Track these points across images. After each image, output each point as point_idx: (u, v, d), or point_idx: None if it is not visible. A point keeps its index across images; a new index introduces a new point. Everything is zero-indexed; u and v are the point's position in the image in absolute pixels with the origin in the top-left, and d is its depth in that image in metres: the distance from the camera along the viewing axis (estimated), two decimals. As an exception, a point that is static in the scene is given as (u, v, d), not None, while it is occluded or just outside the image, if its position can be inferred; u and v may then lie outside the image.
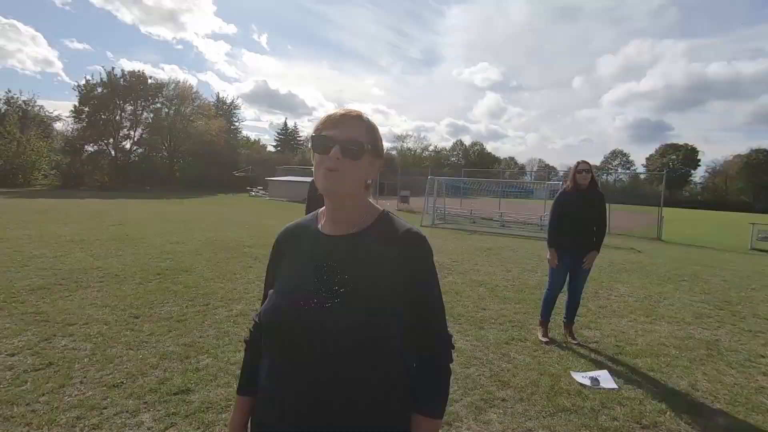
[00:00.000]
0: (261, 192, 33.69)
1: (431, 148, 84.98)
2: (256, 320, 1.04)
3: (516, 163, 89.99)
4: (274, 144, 69.95)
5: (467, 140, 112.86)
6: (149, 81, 39.60)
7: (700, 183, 79.60)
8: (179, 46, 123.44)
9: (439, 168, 62.40)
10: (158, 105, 41.44)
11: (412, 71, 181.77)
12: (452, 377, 0.95)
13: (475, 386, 3.00)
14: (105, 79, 36.85)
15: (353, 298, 0.86)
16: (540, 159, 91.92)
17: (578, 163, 3.93)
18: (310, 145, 0.94)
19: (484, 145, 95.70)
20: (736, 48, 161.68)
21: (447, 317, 0.95)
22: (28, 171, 31.54)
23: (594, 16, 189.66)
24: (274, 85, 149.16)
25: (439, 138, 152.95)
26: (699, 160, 78.31)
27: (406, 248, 0.93)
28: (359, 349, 0.83)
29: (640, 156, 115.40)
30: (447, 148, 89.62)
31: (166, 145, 42.38)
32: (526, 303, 5.17)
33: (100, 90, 36.67)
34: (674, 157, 77.52)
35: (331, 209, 0.97)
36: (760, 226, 15.61)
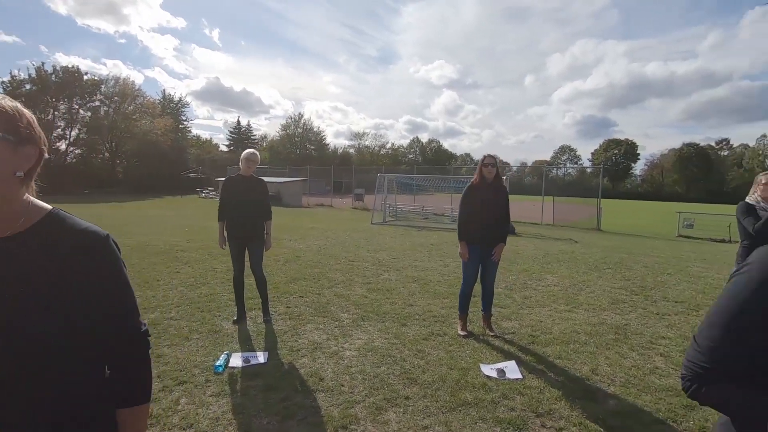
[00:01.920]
0: (212, 193, 32.49)
1: (388, 145, 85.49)
2: None
3: (472, 159, 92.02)
4: (227, 143, 67.67)
5: (426, 137, 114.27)
6: (85, 77, 37.08)
7: (640, 175, 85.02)
8: (122, 40, 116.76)
9: (396, 165, 62.85)
10: (96, 103, 38.91)
11: (369, 69, 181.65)
12: (152, 364, 1.01)
13: (382, 386, 2.96)
14: (34, 74, 34.12)
15: (7, 309, 0.81)
16: (494, 155, 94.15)
17: (484, 157, 4.00)
18: None
19: (441, 142, 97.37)
20: (670, 49, 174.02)
21: (373, 315, 0.87)
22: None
23: (542, 16, 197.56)
24: (227, 83, 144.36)
25: (399, 135, 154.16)
26: (638, 154, 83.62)
27: (76, 250, 0.85)
28: (26, 356, 0.81)
29: (586, 151, 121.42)
30: (404, 145, 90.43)
31: (107, 145, 39.91)
32: (455, 297, 5.18)
33: (28, 87, 33.93)
34: (617, 151, 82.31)
35: None
36: (685, 215, 16.84)
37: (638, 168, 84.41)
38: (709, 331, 0.86)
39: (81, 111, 37.87)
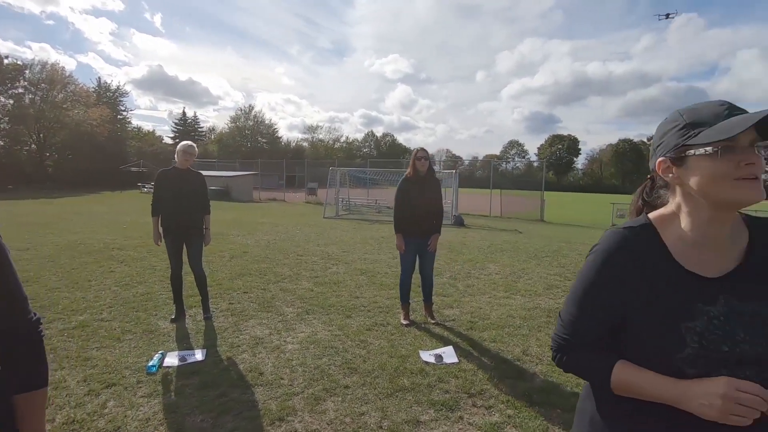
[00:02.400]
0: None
1: (342, 139, 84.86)
2: None
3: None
4: (172, 135, 64.23)
5: (381, 131, 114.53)
6: (6, 61, 33.73)
7: (581, 169, 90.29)
8: (50, 21, 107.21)
9: (351, 159, 62.58)
10: (20, 90, 35.55)
11: (323, 61, 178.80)
12: (44, 347, 1.00)
13: (322, 376, 2.99)
14: (-58, 57, 30.56)
15: None
16: (447, 149, 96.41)
17: (417, 150, 4.12)
18: None
19: (396, 136, 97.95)
20: (608, 50, 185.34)
21: (318, 309, 0.84)
22: None
23: (492, 14, 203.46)
24: (171, 71, 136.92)
25: (354, 129, 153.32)
26: (580, 149, 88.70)
27: None
28: None
29: (533, 146, 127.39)
30: (359, 139, 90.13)
31: (34, 136, 36.63)
32: (401, 288, 5.34)
33: (-65, 71, 30.34)
34: (560, 146, 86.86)
35: None
36: (619, 206, 18.13)
37: (580, 162, 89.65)
38: (567, 307, 0.96)
39: (2, 98, 34.44)
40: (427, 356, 3.34)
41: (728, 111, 0.80)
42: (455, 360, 3.30)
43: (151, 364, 3.05)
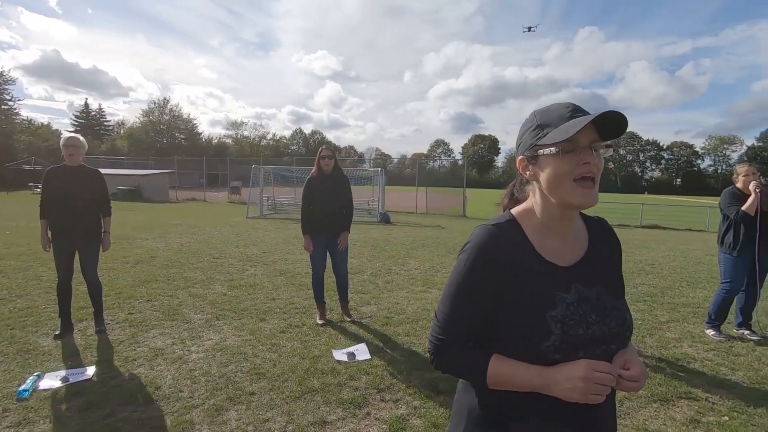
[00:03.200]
0: (51, 188, 27.28)
1: (269, 136, 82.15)
2: None
3: (355, 151, 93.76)
4: (73, 129, 57.49)
5: (311, 128, 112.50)
6: None
7: (501, 167, 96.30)
8: None
9: (278, 157, 60.72)
10: None
11: (248, 54, 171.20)
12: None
13: (226, 385, 2.84)
14: None
15: None
16: (377, 147, 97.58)
17: (321, 149, 4.12)
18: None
19: (326, 133, 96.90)
20: (524, 57, 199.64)
21: (230, 313, 0.73)
22: None
23: (419, 16, 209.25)
24: (71, 57, 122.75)
25: (282, 126, 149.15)
26: (500, 149, 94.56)
27: None
28: None
29: (458, 145, 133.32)
30: (287, 136, 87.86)
31: None
32: (320, 287, 5.27)
33: None
34: (482, 145, 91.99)
35: None
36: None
37: (500, 161, 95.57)
38: (441, 306, 0.96)
39: None
40: (340, 355, 3.33)
41: (571, 113, 0.86)
42: (368, 357, 3.33)
43: (22, 388, 2.68)
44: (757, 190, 3.71)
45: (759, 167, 4.16)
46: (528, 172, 0.93)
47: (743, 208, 3.74)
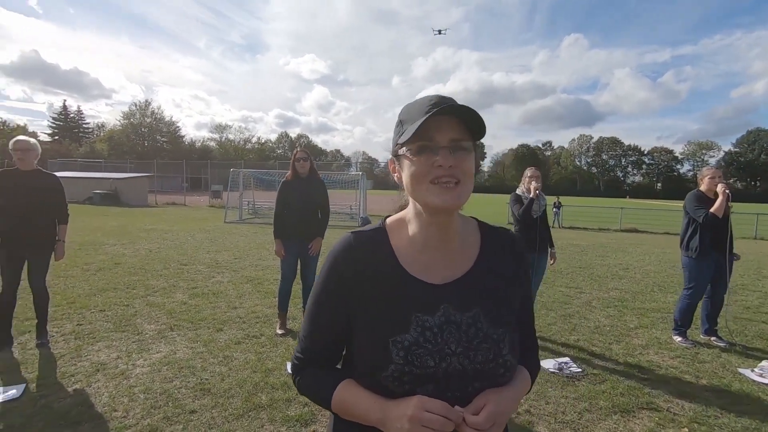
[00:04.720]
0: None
1: (254, 139, 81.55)
2: None
3: (342, 155, 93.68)
4: (50, 132, 56.14)
5: (297, 132, 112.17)
6: None
7: (487, 171, 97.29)
8: None
9: (264, 161, 60.24)
10: None
11: (235, 57, 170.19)
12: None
13: (166, 402, 2.66)
14: None
15: None
16: (364, 151, 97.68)
17: (296, 151, 3.96)
18: None
19: (314, 137, 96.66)
20: (511, 63, 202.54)
21: (186, 324, 0.61)
22: None
23: (408, 22, 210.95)
24: (51, 58, 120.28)
25: (269, 129, 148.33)
26: (486, 153, 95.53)
27: None
28: None
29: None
30: (273, 140, 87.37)
31: None
32: (287, 295, 5.10)
33: None
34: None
35: None
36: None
37: (486, 165, 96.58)
38: (303, 323, 0.86)
39: None
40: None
41: (430, 106, 0.74)
42: (323, 369, 3.18)
43: (-63, 410, 2.47)
44: (727, 191, 3.67)
45: (735, 172, 4.16)
46: (395, 175, 0.82)
47: (712, 209, 3.69)
